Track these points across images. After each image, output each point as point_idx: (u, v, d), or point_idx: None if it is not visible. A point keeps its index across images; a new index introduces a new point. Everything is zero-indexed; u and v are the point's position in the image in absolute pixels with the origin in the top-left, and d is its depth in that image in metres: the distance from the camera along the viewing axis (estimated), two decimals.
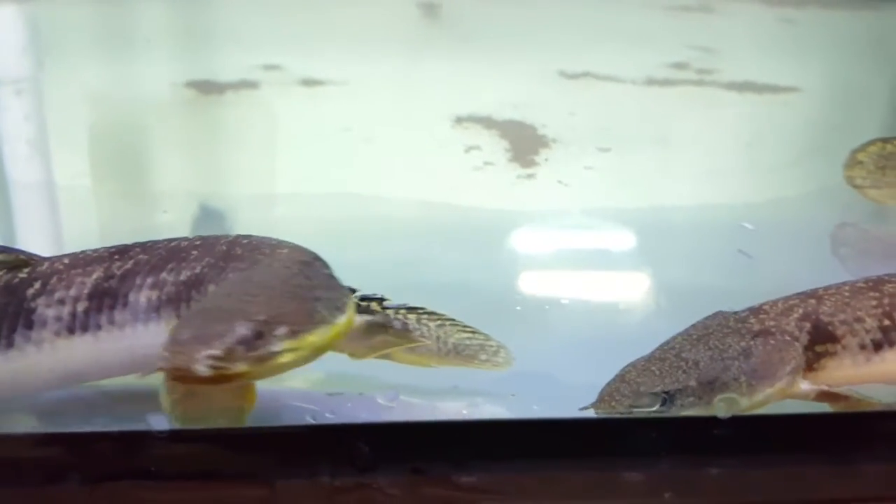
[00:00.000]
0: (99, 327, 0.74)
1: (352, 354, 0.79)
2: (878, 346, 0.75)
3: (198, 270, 0.74)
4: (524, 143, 1.47)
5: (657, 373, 0.73)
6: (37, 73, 1.97)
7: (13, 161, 1.50)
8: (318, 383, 0.84)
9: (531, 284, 1.11)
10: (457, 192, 1.31)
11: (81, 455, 0.64)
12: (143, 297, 0.74)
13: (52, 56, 1.99)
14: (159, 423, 0.65)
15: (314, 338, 0.68)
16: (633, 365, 0.75)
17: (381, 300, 0.84)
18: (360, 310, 0.80)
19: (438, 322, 0.86)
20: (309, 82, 1.71)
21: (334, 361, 0.78)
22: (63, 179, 1.40)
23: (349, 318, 0.73)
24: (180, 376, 0.63)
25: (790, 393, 0.75)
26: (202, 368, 0.62)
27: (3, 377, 0.73)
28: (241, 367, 0.63)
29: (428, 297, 0.86)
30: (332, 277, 0.76)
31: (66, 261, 0.78)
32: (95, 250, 0.79)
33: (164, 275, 0.75)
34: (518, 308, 1.03)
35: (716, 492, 0.67)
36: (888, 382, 0.77)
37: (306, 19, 2.16)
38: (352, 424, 0.70)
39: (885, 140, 1.24)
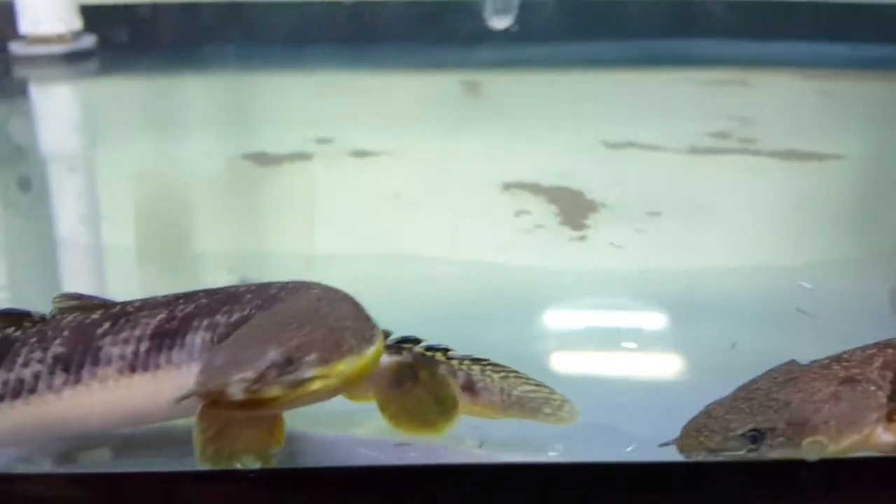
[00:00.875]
0: (158, 367, 0.76)
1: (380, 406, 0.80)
2: None
3: (246, 312, 0.77)
4: (573, 208, 1.49)
5: (747, 410, 0.72)
6: (91, 150, 2.06)
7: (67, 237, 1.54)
8: (384, 431, 0.83)
9: (588, 342, 1.11)
10: (508, 253, 1.33)
11: (117, 495, 0.64)
12: (198, 338, 0.76)
13: (107, 132, 2.08)
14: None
15: (343, 366, 0.70)
16: (718, 403, 0.74)
17: (445, 350, 0.85)
18: (392, 351, 0.81)
19: (502, 374, 0.85)
20: (359, 153, 1.76)
21: None
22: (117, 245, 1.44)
23: (378, 349, 0.74)
24: (215, 401, 0.65)
25: (871, 443, 0.73)
26: (235, 391, 0.64)
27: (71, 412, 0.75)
28: (273, 391, 0.66)
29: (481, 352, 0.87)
30: (361, 312, 0.78)
31: (137, 304, 0.81)
32: (165, 295, 0.82)
33: (218, 317, 0.77)
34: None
35: None
36: None
37: (355, 98, 2.24)
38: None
39: None
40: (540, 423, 0.84)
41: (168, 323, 0.77)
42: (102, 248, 1.48)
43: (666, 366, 1.06)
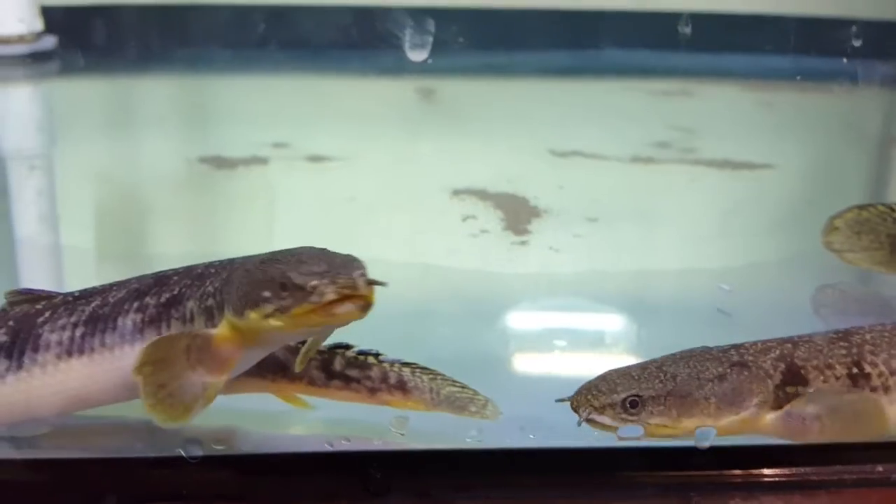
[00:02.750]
0: (93, 350, 0.80)
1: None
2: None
3: (176, 291, 0.80)
4: (517, 214, 1.57)
5: (636, 378, 0.79)
6: (50, 150, 2.08)
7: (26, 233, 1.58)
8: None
9: (524, 340, 1.19)
10: (455, 257, 1.40)
11: (119, 478, 0.70)
12: (129, 320, 0.79)
13: (67, 132, 2.11)
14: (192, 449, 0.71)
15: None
16: (616, 369, 0.82)
17: (377, 354, 0.92)
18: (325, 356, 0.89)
19: (431, 376, 0.93)
20: (315, 158, 1.83)
21: None
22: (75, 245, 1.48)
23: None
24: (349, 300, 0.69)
25: (759, 428, 0.81)
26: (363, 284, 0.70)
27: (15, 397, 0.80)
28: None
29: (427, 353, 0.94)
30: None
31: (77, 294, 0.85)
32: (102, 284, 0.86)
33: (147, 299, 0.80)
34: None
35: None
36: None
37: (311, 103, 2.30)
38: (366, 451, 0.76)
39: (860, 207, 1.33)
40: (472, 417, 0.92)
41: (101, 308, 0.81)
42: (61, 247, 1.52)
43: (592, 361, 1.14)
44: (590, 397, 0.79)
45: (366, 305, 0.71)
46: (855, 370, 0.80)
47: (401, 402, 0.91)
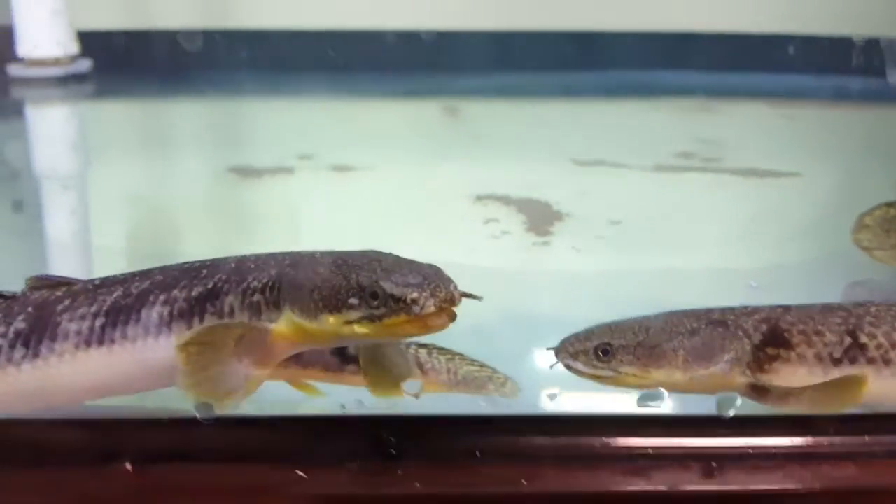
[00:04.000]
0: (113, 342, 0.78)
1: None
2: (837, 362, 0.78)
3: (210, 286, 0.78)
4: (539, 217, 1.57)
5: (613, 329, 0.80)
6: (83, 169, 2.14)
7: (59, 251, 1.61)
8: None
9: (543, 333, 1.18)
10: (474, 255, 1.40)
11: (132, 439, 0.71)
12: (154, 313, 0.78)
13: (100, 153, 2.17)
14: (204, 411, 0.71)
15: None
16: (608, 323, 0.82)
17: None
18: None
19: (448, 356, 0.93)
20: (340, 168, 1.85)
21: None
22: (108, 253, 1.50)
23: None
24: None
25: (727, 384, 0.79)
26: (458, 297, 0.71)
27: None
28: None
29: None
30: None
31: (97, 282, 0.83)
32: (123, 274, 0.84)
33: (175, 292, 0.79)
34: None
35: None
36: None
37: (340, 122, 2.34)
38: (379, 416, 0.75)
39: (889, 204, 1.31)
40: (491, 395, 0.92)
41: (124, 299, 0.79)
42: (93, 259, 1.55)
43: None
44: (566, 344, 0.80)
45: (454, 317, 0.72)
46: (848, 340, 0.78)
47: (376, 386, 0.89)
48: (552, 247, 1.45)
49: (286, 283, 0.75)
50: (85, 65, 2.57)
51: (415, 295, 0.69)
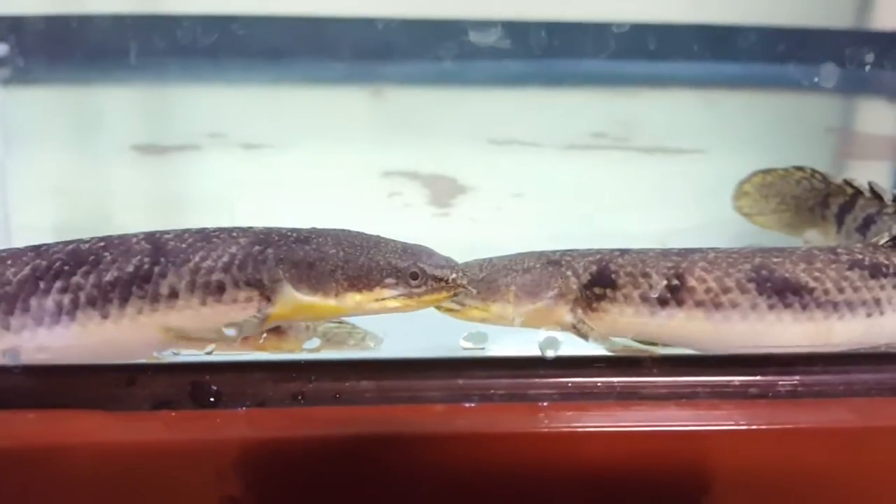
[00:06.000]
0: None
1: None
2: (663, 303, 0.80)
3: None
4: (443, 191, 1.58)
5: (467, 265, 0.85)
6: (3, 158, 2.09)
7: None
8: None
9: None
10: (373, 227, 1.41)
11: None
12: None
13: (14, 138, 2.13)
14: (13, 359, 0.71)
15: None
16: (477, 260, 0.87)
17: None
18: None
19: None
20: (250, 146, 1.84)
21: None
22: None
23: None
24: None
25: (556, 319, 0.82)
26: None
27: None
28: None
29: None
30: None
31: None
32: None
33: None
34: None
35: None
36: (681, 341, 0.82)
37: (262, 105, 2.33)
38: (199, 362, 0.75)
39: (765, 171, 1.36)
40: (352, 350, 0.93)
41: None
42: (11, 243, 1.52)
43: None
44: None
45: None
46: (675, 282, 0.80)
47: (276, 345, 0.90)
48: (450, 217, 1.46)
49: (286, 263, 0.78)
50: (0, 50, 2.52)
51: (453, 275, 0.80)
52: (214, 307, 0.76)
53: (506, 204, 1.53)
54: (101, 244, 0.78)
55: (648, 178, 1.74)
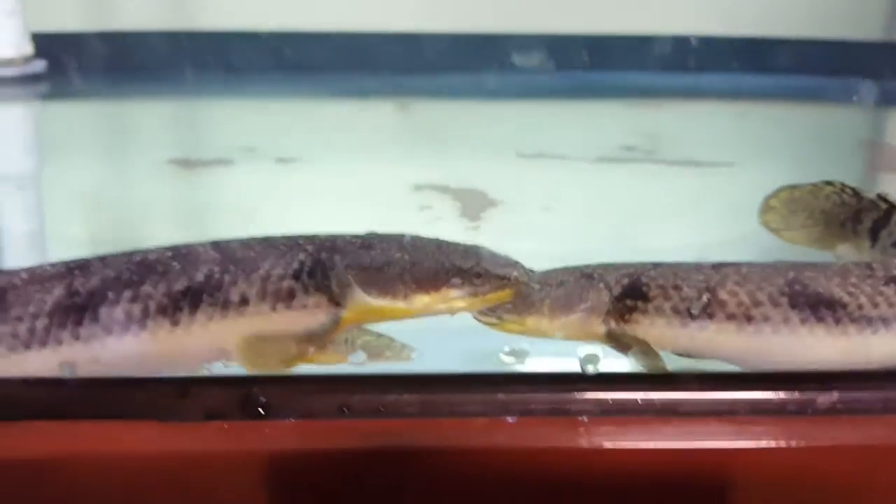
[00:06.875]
0: None
1: None
2: (694, 315, 0.80)
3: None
4: (474, 204, 1.60)
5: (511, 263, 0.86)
6: (38, 171, 2.14)
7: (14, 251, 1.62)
8: None
9: None
10: None
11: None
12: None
13: (54, 152, 2.18)
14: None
15: None
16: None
17: None
18: None
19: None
20: (282, 160, 1.87)
21: None
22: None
23: None
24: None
25: (590, 331, 0.84)
26: None
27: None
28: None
29: None
30: None
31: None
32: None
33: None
34: None
35: None
36: (714, 354, 0.82)
37: (293, 119, 2.36)
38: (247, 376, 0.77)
39: (792, 187, 1.35)
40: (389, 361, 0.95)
41: None
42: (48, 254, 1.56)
43: None
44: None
45: None
46: (707, 296, 0.81)
47: (315, 357, 0.92)
48: (481, 231, 1.47)
49: (354, 269, 0.81)
50: (39, 65, 2.58)
51: (515, 273, 0.82)
52: (284, 313, 0.78)
53: (536, 218, 1.54)
54: (169, 254, 0.80)
55: (678, 191, 1.74)
